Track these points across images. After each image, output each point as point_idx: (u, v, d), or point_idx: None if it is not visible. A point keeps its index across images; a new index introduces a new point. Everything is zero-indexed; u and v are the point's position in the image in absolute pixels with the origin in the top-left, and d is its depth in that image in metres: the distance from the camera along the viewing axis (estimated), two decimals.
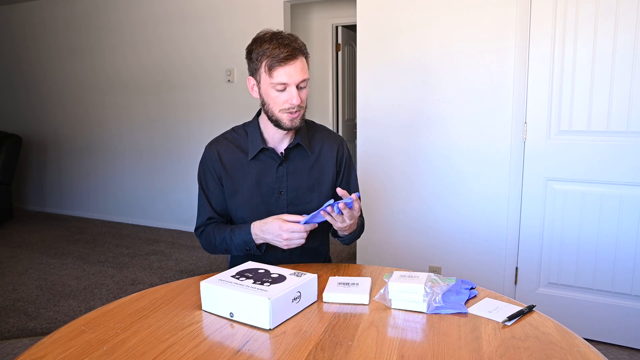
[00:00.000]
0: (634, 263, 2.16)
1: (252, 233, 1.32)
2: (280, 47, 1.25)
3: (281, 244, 1.27)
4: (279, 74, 1.26)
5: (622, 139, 2.12)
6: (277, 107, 1.30)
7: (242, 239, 1.34)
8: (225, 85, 4.11)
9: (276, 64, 1.25)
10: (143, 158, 4.61)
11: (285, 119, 1.31)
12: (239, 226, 1.37)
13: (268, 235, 1.28)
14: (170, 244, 4.03)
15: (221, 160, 1.41)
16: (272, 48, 1.26)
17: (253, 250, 1.34)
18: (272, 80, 1.27)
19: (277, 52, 1.25)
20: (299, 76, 1.28)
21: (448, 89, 2.46)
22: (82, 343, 0.92)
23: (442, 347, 0.90)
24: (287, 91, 1.28)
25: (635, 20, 2.04)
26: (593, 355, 0.87)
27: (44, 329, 2.52)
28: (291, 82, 1.27)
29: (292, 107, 1.29)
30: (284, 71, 1.26)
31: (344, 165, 1.50)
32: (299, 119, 1.32)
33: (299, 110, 1.31)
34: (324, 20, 4.65)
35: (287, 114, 1.30)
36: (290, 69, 1.26)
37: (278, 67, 1.26)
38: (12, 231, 4.45)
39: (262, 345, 0.91)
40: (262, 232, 1.30)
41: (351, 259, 3.57)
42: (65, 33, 4.79)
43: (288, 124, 1.32)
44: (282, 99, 1.29)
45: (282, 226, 1.24)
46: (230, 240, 1.36)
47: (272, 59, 1.26)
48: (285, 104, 1.29)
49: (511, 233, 2.41)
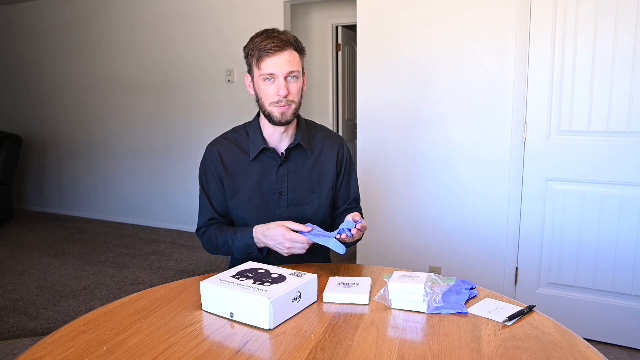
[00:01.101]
0: (634, 263, 2.16)
1: (254, 237, 1.32)
2: (268, 39, 1.28)
3: (282, 251, 1.27)
4: (266, 64, 1.28)
5: (622, 139, 2.12)
6: (267, 100, 1.32)
7: (244, 242, 1.34)
8: (225, 85, 4.11)
9: (264, 54, 1.28)
10: (143, 158, 4.61)
11: (276, 112, 1.31)
12: (240, 229, 1.36)
13: (270, 241, 1.28)
14: (170, 244, 4.03)
15: (222, 160, 1.41)
16: (261, 41, 1.29)
17: (255, 254, 1.35)
18: (261, 72, 1.30)
19: (264, 43, 1.28)
20: (286, 67, 1.29)
21: (448, 89, 2.46)
22: (82, 343, 0.92)
23: (442, 347, 0.90)
24: (275, 83, 1.30)
25: (635, 20, 2.04)
26: (593, 355, 0.87)
27: (44, 329, 2.52)
28: (278, 73, 1.28)
29: (280, 98, 1.29)
30: (271, 62, 1.28)
31: (344, 166, 1.50)
32: (289, 113, 1.32)
33: (289, 104, 1.32)
34: (324, 20, 4.65)
35: (276, 107, 1.31)
36: (277, 59, 1.28)
37: (265, 57, 1.28)
38: (12, 231, 4.45)
39: (262, 345, 0.91)
40: (264, 237, 1.30)
41: (351, 259, 3.57)
42: (65, 33, 4.79)
43: (278, 116, 1.32)
44: (271, 91, 1.30)
45: (285, 235, 1.24)
46: (232, 242, 1.36)
47: (260, 50, 1.28)
48: (274, 96, 1.30)
49: (511, 233, 2.41)
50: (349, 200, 1.52)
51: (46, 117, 5.09)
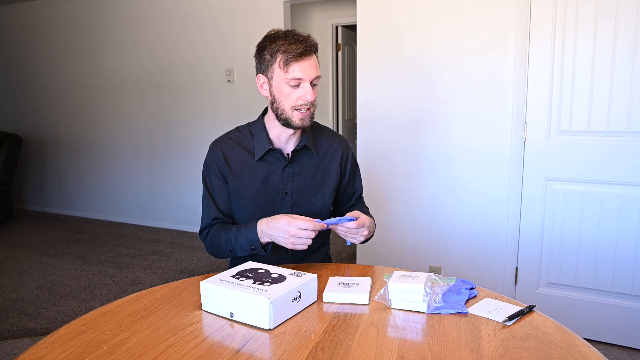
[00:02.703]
0: (634, 263, 2.16)
1: (258, 230, 1.27)
2: (296, 42, 1.26)
3: (287, 240, 1.21)
4: (294, 69, 1.26)
5: (622, 139, 2.12)
6: (289, 104, 1.30)
7: (248, 238, 1.29)
8: (225, 85, 4.11)
9: (292, 59, 1.26)
10: (143, 158, 4.61)
11: (296, 117, 1.30)
12: (245, 225, 1.33)
13: (274, 232, 1.23)
14: (170, 244, 4.03)
15: (226, 159, 1.40)
16: (288, 44, 1.26)
17: (258, 250, 1.30)
18: (287, 76, 1.27)
19: (293, 47, 1.25)
20: (313, 72, 1.29)
21: (448, 89, 2.46)
22: (82, 343, 0.92)
23: (442, 347, 0.90)
24: (301, 87, 1.28)
25: (635, 21, 2.04)
26: (593, 355, 0.87)
27: (44, 329, 2.52)
28: (306, 78, 1.28)
29: (305, 103, 1.29)
30: (300, 66, 1.26)
31: (349, 167, 1.51)
32: (309, 117, 1.32)
33: (310, 109, 1.31)
34: (324, 20, 4.65)
35: (297, 111, 1.30)
36: (305, 64, 1.27)
37: (294, 62, 1.26)
38: (12, 231, 4.45)
39: (262, 345, 0.91)
40: (268, 227, 1.25)
41: (351, 259, 3.56)
42: (65, 33, 4.79)
43: (298, 122, 1.31)
44: (296, 95, 1.29)
45: (291, 222, 1.20)
46: (236, 239, 1.32)
47: (287, 54, 1.26)
48: (298, 100, 1.29)
49: (511, 233, 2.41)
50: (355, 196, 1.56)
51: (46, 117, 5.09)
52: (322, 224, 1.23)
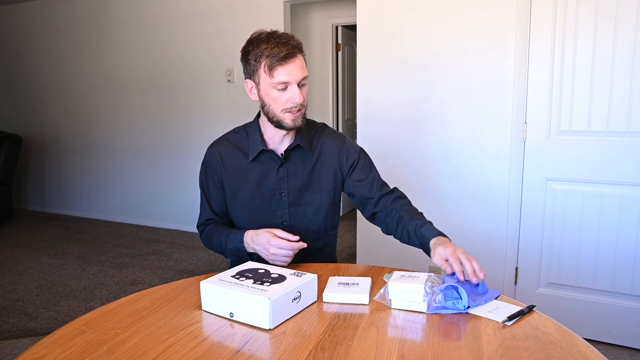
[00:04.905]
0: (634, 263, 2.16)
1: (244, 241, 1.33)
2: (278, 45, 1.24)
3: (267, 257, 1.27)
4: (279, 73, 1.25)
5: (622, 139, 2.12)
6: (279, 107, 1.29)
7: (235, 246, 1.35)
8: (225, 85, 4.11)
9: (276, 63, 1.24)
10: (143, 158, 4.61)
11: (287, 119, 1.30)
12: (234, 232, 1.37)
13: (257, 246, 1.29)
14: (170, 244, 4.03)
15: (222, 161, 1.41)
16: (271, 47, 1.24)
17: (245, 258, 1.36)
18: (273, 80, 1.26)
19: (276, 51, 1.23)
20: (299, 74, 1.27)
21: (448, 89, 2.46)
22: (82, 343, 0.92)
23: (442, 347, 0.90)
24: (288, 90, 1.27)
25: (635, 21, 2.04)
26: (593, 355, 0.87)
27: (44, 329, 2.52)
28: (292, 81, 1.26)
29: (294, 105, 1.28)
30: (285, 70, 1.25)
31: (353, 161, 1.44)
32: (300, 117, 1.31)
33: (301, 109, 1.30)
34: (324, 20, 4.65)
35: (289, 113, 1.29)
36: (290, 67, 1.25)
37: (278, 66, 1.24)
38: (12, 231, 4.45)
39: (262, 345, 0.91)
40: (252, 241, 1.31)
41: (351, 259, 3.57)
42: (65, 33, 4.79)
43: (290, 123, 1.31)
44: (284, 98, 1.27)
45: (271, 240, 1.24)
46: (226, 244, 1.38)
47: (271, 58, 1.24)
48: (287, 103, 1.27)
49: (511, 233, 2.41)
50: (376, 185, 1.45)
51: (46, 117, 5.09)
52: (301, 243, 1.24)
